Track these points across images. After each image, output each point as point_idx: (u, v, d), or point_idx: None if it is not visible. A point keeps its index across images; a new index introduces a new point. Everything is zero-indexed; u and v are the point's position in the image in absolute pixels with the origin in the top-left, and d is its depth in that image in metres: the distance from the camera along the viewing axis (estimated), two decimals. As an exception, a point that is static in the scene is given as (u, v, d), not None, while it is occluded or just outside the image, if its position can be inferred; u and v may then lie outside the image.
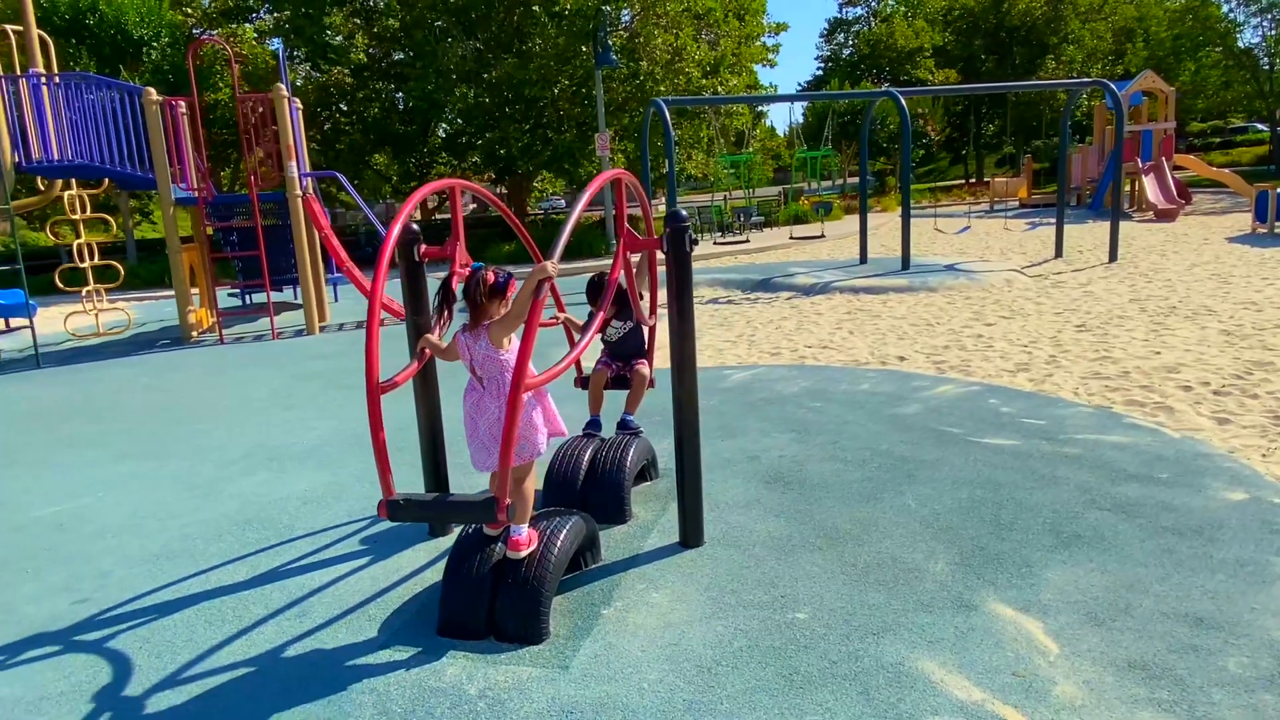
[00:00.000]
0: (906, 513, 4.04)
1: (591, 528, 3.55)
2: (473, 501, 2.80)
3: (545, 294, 2.85)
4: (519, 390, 2.73)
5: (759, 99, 19.75)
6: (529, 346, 2.76)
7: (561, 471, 4.19)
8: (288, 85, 10.37)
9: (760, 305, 12.48)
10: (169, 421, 6.73)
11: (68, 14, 18.83)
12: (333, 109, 28.78)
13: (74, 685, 2.95)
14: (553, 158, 22.33)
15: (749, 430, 5.50)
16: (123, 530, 4.37)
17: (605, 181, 3.46)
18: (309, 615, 3.35)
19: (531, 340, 2.77)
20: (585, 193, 3.17)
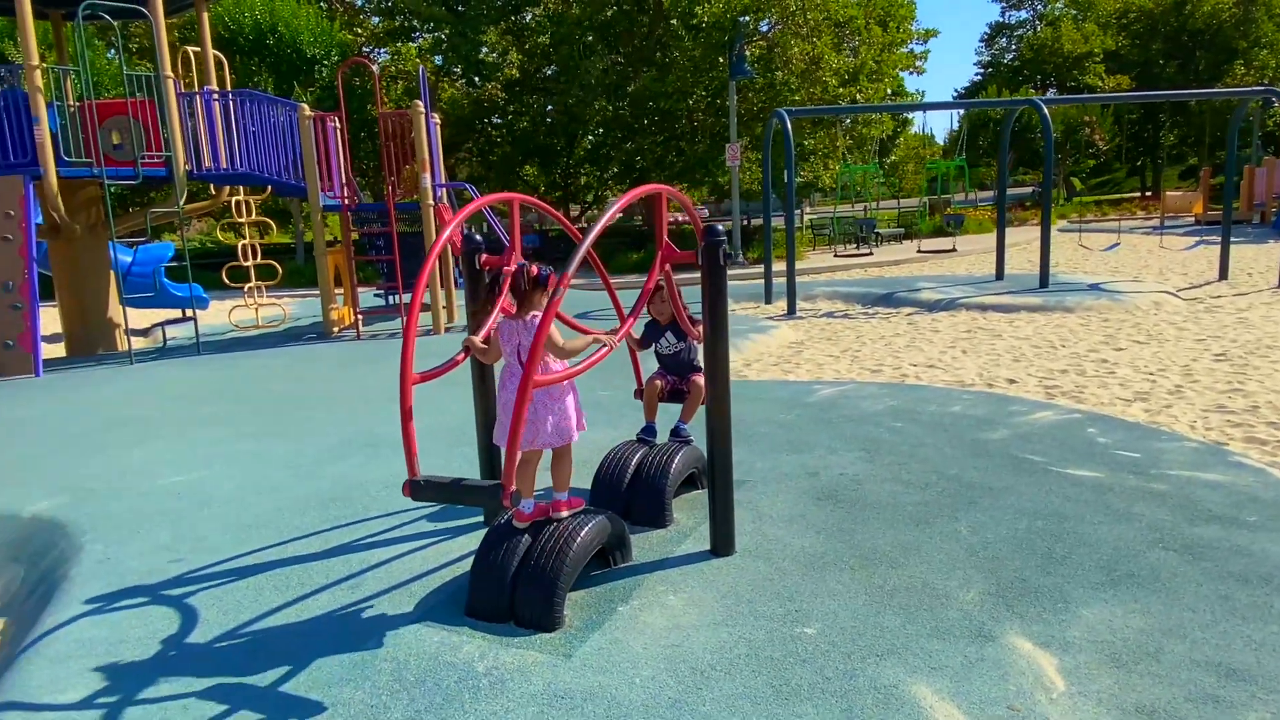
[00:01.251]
0: (954, 539, 3.93)
1: (618, 528, 3.68)
2: (482, 486, 3.01)
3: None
4: (530, 378, 2.91)
5: (884, 108, 19.16)
6: (542, 335, 2.93)
7: (609, 474, 4.35)
8: (427, 103, 11.10)
9: (876, 320, 12.19)
10: (293, 406, 7.40)
11: (252, 35, 20.88)
12: (485, 122, 30.31)
13: (150, 632, 3.37)
14: (685, 169, 22.58)
15: (816, 447, 5.46)
16: (227, 501, 4.89)
17: (641, 195, 3.60)
18: (360, 588, 3.67)
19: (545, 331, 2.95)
20: (613, 205, 3.32)
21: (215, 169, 10.92)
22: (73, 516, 4.76)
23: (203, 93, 10.92)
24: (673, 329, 4.57)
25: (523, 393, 2.92)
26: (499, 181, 34.88)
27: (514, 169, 32.03)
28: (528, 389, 2.94)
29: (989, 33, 54.61)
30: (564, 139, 30.31)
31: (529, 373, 2.93)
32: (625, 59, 23.98)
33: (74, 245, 11.00)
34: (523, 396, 2.93)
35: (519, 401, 2.92)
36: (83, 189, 10.81)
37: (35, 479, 5.52)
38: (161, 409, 7.50)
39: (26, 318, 9.41)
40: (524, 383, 2.94)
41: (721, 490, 3.78)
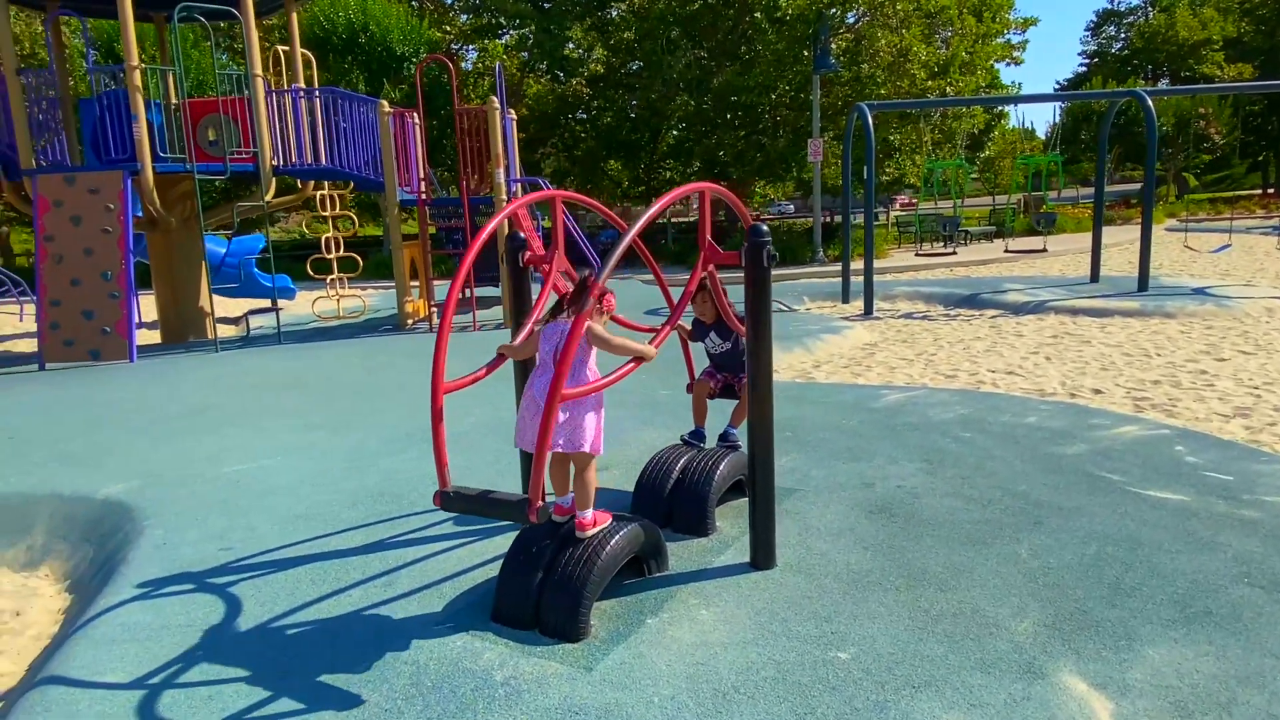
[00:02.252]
0: (1012, 563, 3.68)
1: (653, 536, 3.58)
2: (509, 500, 2.95)
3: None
4: (561, 378, 2.83)
5: (971, 101, 18.30)
6: (576, 335, 2.85)
7: (651, 478, 4.25)
8: (503, 98, 11.19)
9: (957, 322, 11.71)
10: (359, 398, 7.56)
11: (345, 34, 21.54)
12: (569, 118, 30.55)
13: (190, 620, 3.45)
14: (765, 164, 22.23)
15: (876, 456, 5.23)
16: (282, 491, 5.00)
17: (686, 193, 3.47)
18: (393, 585, 3.67)
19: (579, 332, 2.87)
20: (655, 205, 3.21)
21: (300, 164, 11.27)
22: (140, 501, 4.94)
23: (291, 90, 11.28)
24: (717, 328, 4.44)
25: (552, 395, 2.84)
26: (583, 177, 35.13)
27: (598, 164, 32.18)
28: (558, 390, 2.86)
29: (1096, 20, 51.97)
30: (648, 134, 30.28)
31: (560, 374, 2.85)
32: (709, 53, 23.75)
33: (169, 237, 11.53)
34: (552, 400, 2.85)
35: (548, 405, 2.85)
36: (178, 184, 11.31)
37: (113, 462, 5.76)
38: (237, 398, 7.77)
39: (123, 305, 9.91)
40: (554, 385, 2.86)
41: (762, 500, 3.64)
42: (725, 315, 4.08)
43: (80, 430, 6.72)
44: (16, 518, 5.02)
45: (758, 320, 3.50)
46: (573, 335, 2.86)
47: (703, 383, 4.59)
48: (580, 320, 2.88)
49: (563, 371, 2.84)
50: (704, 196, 3.57)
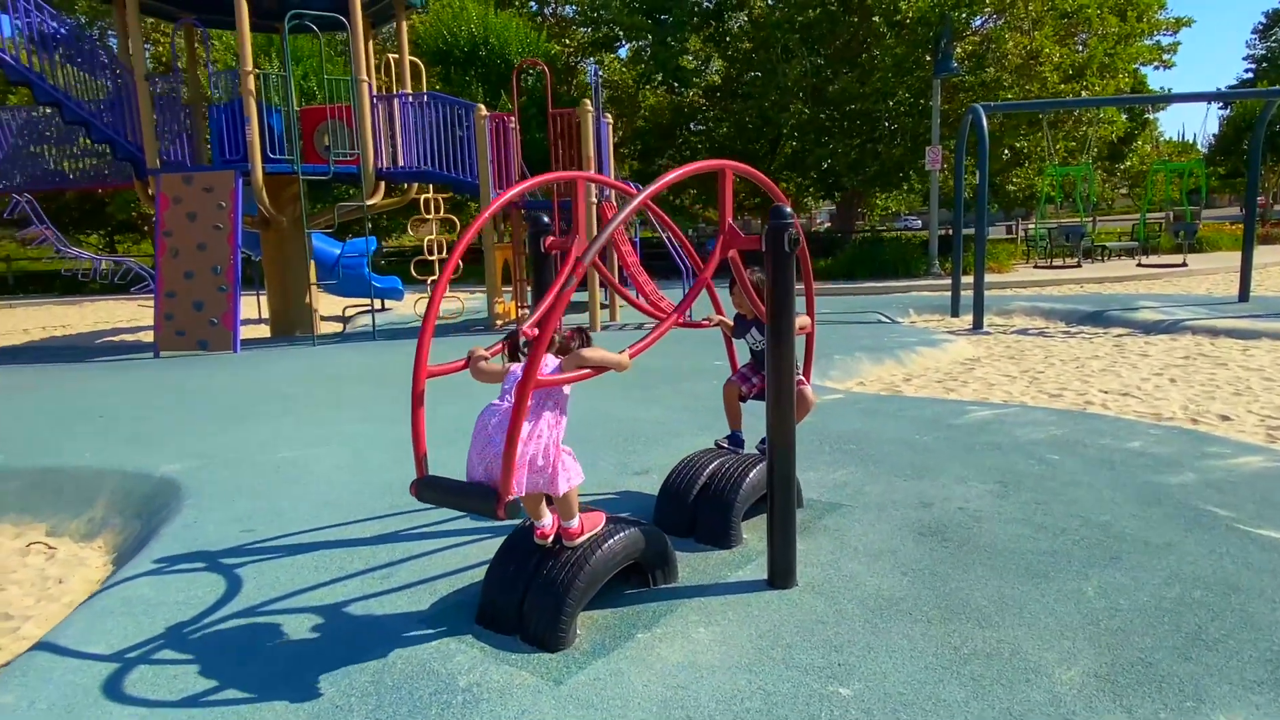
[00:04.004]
0: (1073, 600, 3.19)
1: (657, 544, 3.29)
2: (478, 493, 2.74)
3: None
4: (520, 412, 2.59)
5: (1101, 101, 16.85)
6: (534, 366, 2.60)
7: (676, 484, 3.97)
8: (597, 103, 11.16)
9: (1076, 340, 10.78)
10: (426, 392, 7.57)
11: (466, 47, 22.22)
12: (685, 129, 30.48)
13: (187, 598, 3.42)
14: (880, 173, 21.38)
15: (943, 474, 4.74)
16: (319, 478, 5.00)
17: (701, 170, 3.19)
18: (391, 578, 3.54)
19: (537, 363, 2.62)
20: (658, 181, 2.95)
21: (399, 167, 11.57)
22: (190, 481, 5.05)
23: (393, 96, 11.63)
24: (758, 323, 4.12)
25: (513, 426, 2.60)
26: (699, 189, 35.03)
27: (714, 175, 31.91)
28: (513, 448, 2.62)
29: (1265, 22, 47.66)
30: (766, 144, 29.81)
31: (514, 423, 2.60)
32: (826, 60, 23.13)
33: (281, 237, 12.08)
34: (514, 429, 2.62)
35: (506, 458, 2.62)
36: (290, 185, 11.83)
37: (179, 443, 5.96)
38: (310, 389, 7.96)
39: (229, 299, 10.41)
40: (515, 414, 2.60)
41: (781, 513, 3.29)
42: (754, 305, 3.76)
43: (161, 413, 7.02)
44: (85, 491, 5.23)
45: (779, 313, 3.17)
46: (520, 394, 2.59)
47: (732, 384, 4.27)
48: (528, 376, 2.59)
49: (516, 422, 2.60)
50: (724, 175, 3.28)
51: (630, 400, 6.89)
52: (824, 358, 8.85)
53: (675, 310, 3.23)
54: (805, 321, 4.04)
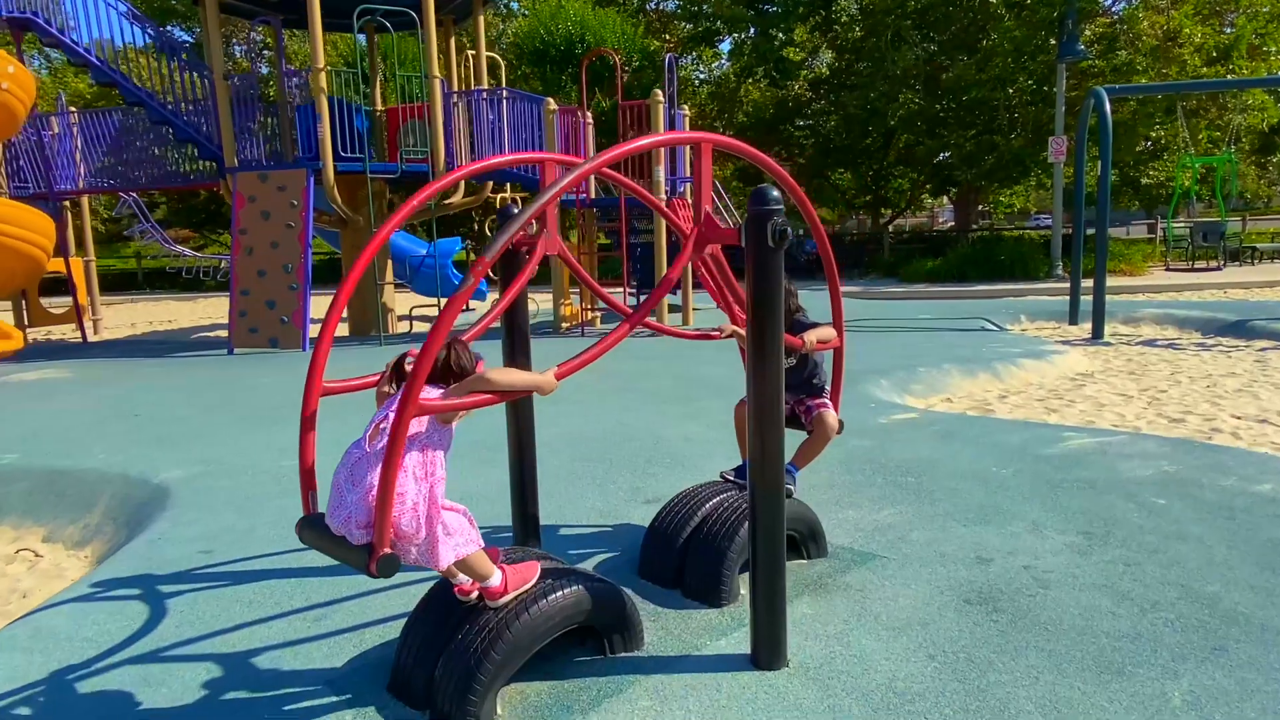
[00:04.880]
0: (1153, 710, 2.38)
1: (611, 604, 2.69)
2: (352, 544, 2.22)
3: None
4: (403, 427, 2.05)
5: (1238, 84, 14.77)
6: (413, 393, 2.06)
7: (665, 523, 3.35)
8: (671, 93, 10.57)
9: (1211, 354, 9.41)
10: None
11: (563, 45, 22.01)
12: (789, 125, 29.42)
13: (99, 633, 3.06)
14: (997, 166, 19.81)
15: (1015, 518, 3.91)
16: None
17: (676, 143, 2.57)
18: (320, 622, 3.08)
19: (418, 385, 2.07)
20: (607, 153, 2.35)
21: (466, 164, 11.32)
22: (183, 489, 4.78)
23: (473, 93, 11.39)
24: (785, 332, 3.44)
25: (387, 465, 2.08)
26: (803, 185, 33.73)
27: (820, 173, 30.72)
28: (388, 499, 2.11)
29: None
30: (879, 138, 28.35)
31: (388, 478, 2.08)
32: (940, 47, 21.70)
33: (357, 236, 12.05)
34: (383, 508, 2.11)
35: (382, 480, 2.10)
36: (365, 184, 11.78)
37: (198, 445, 5.75)
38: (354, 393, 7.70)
39: (299, 297, 10.39)
40: (382, 490, 2.10)
41: (766, 575, 2.62)
42: (721, 302, 3.09)
43: (198, 413, 6.90)
44: (85, 496, 5.05)
45: (761, 323, 2.51)
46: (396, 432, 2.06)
47: (743, 408, 3.60)
48: (405, 402, 2.05)
49: (391, 460, 2.07)
50: (702, 151, 2.63)
51: (665, 415, 6.27)
52: (906, 370, 7.97)
53: (633, 316, 2.59)
54: (829, 335, 3.34)
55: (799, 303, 3.57)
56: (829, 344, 3.36)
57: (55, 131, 13.62)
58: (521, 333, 3.44)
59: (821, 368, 3.62)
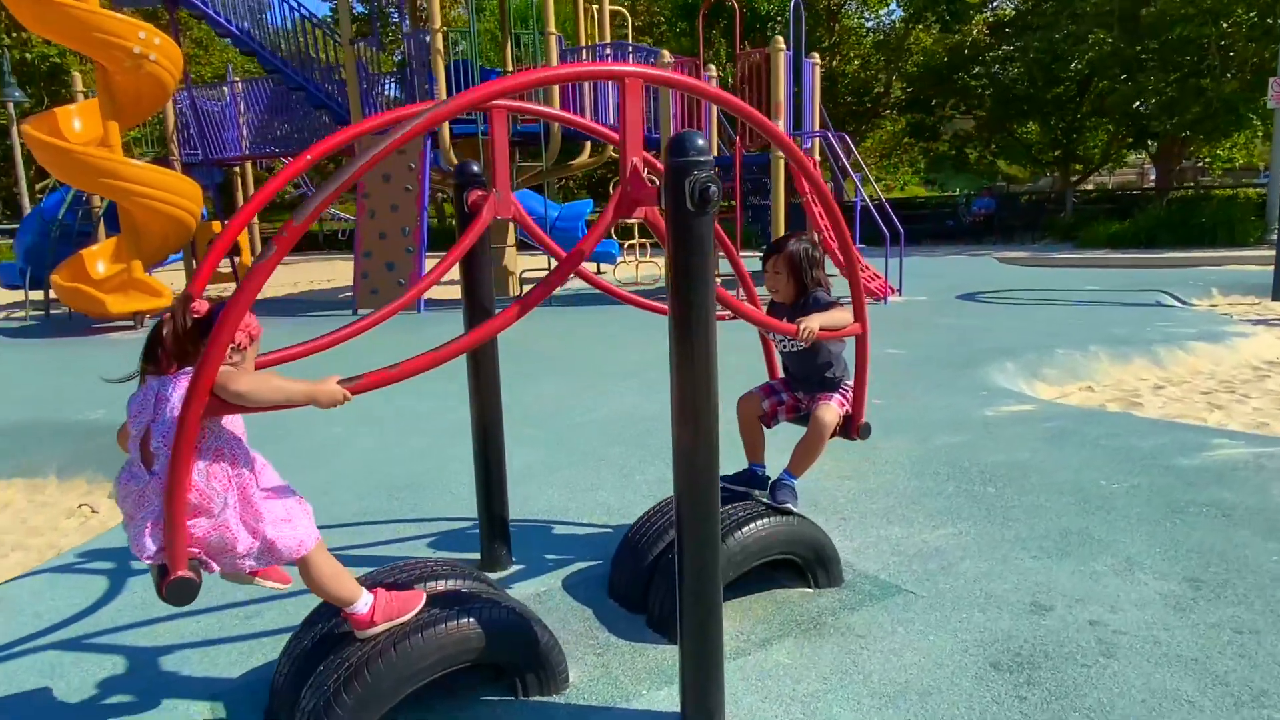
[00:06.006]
0: None
1: (518, 641, 2.26)
2: (153, 565, 1.91)
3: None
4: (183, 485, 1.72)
5: None
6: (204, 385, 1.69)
7: (638, 537, 2.87)
8: (798, 38, 9.71)
9: None
10: (543, 370, 6.94)
11: None
12: (964, 73, 27.07)
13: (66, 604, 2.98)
14: (1205, 115, 17.18)
15: (1105, 553, 3.11)
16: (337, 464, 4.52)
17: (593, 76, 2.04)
18: (250, 620, 2.86)
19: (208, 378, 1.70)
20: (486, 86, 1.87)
21: (586, 123, 10.98)
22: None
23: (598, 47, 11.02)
24: (797, 312, 2.87)
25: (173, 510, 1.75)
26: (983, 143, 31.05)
27: (1002, 126, 28.12)
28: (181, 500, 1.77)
29: None
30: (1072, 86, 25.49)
31: (179, 478, 1.74)
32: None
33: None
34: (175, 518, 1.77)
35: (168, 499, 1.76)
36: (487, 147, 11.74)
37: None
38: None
39: (415, 260, 10.53)
40: (172, 492, 1.75)
41: (692, 614, 2.10)
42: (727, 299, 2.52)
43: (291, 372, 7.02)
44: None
45: (683, 308, 1.96)
46: (187, 419, 1.69)
47: (751, 399, 3.03)
48: (202, 384, 1.68)
49: (182, 476, 1.74)
50: (626, 89, 2.07)
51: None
52: (1041, 351, 6.93)
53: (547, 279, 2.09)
54: (840, 320, 2.72)
55: (822, 275, 2.93)
56: (838, 332, 2.72)
57: (223, 101, 14.57)
58: (480, 305, 3.03)
59: (840, 359, 2.98)
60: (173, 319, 1.88)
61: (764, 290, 3.13)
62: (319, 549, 2.04)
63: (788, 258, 2.88)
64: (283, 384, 1.82)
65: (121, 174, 9.52)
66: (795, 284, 2.91)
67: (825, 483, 3.90)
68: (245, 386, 1.76)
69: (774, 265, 2.93)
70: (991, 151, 31.47)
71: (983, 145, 30.92)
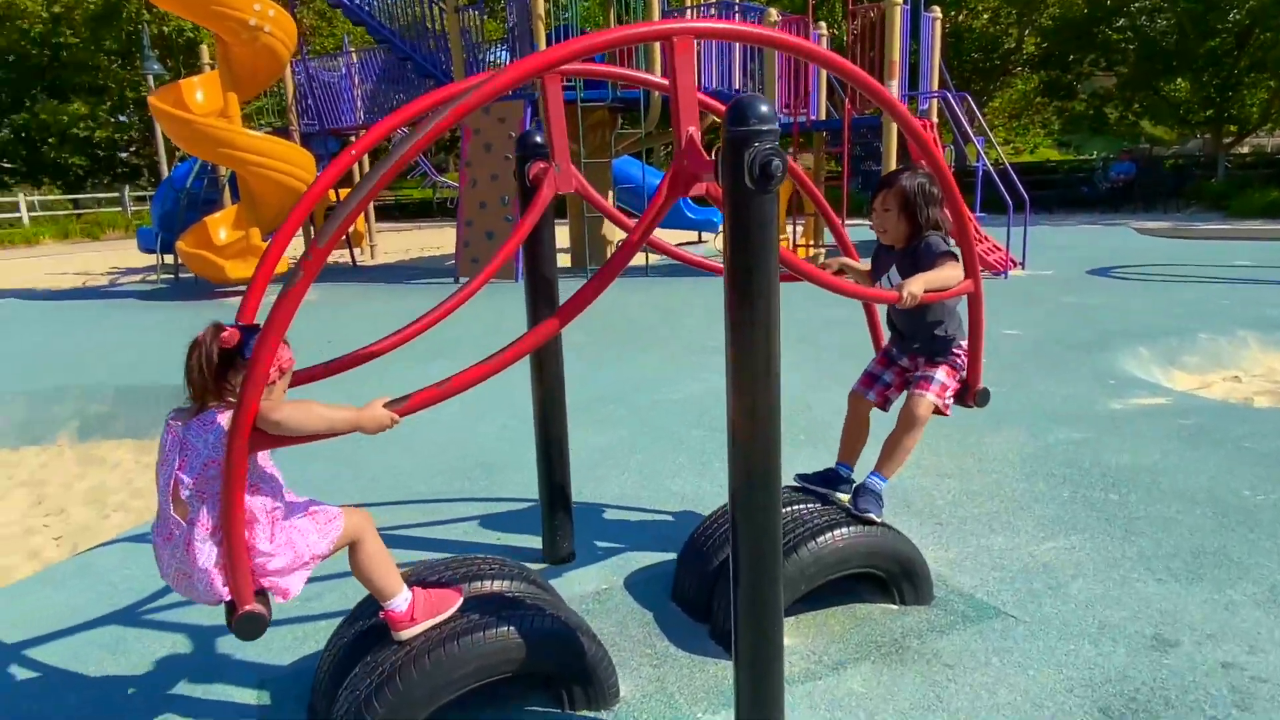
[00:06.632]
0: None
1: (559, 652, 2.10)
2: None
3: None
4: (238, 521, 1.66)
5: None
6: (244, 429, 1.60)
7: (702, 540, 2.66)
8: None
9: None
10: (628, 344, 6.78)
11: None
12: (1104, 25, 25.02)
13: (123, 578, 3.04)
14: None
15: (1245, 578, 2.71)
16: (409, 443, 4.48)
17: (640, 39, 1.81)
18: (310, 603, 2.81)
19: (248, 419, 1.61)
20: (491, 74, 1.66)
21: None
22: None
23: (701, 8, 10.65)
24: (905, 258, 2.59)
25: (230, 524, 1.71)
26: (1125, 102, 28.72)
27: (1147, 83, 25.91)
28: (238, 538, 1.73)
29: None
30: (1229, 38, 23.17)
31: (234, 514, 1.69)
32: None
33: (580, 166, 11.95)
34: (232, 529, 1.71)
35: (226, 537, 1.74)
36: (592, 114, 11.57)
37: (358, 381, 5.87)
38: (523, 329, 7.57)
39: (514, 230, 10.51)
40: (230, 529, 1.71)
41: (749, 638, 1.89)
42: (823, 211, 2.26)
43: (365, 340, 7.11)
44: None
45: (739, 295, 1.72)
46: (233, 455, 1.63)
47: (859, 399, 2.77)
48: (243, 419, 1.60)
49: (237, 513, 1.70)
50: (677, 49, 1.81)
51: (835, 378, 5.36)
52: (1182, 335, 6.27)
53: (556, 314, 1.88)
54: (949, 278, 2.42)
55: (940, 214, 2.58)
56: (947, 293, 2.41)
57: (340, 72, 14.94)
58: (545, 280, 2.87)
59: (953, 313, 2.66)
60: (200, 348, 1.78)
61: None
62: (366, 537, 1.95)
63: (900, 193, 2.56)
64: (325, 411, 1.71)
65: (238, 144, 9.87)
66: (908, 223, 2.59)
67: (922, 480, 3.58)
68: (284, 416, 1.66)
69: (883, 201, 2.62)
70: (1134, 111, 29.14)
71: (1124, 104, 28.65)
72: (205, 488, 1.75)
